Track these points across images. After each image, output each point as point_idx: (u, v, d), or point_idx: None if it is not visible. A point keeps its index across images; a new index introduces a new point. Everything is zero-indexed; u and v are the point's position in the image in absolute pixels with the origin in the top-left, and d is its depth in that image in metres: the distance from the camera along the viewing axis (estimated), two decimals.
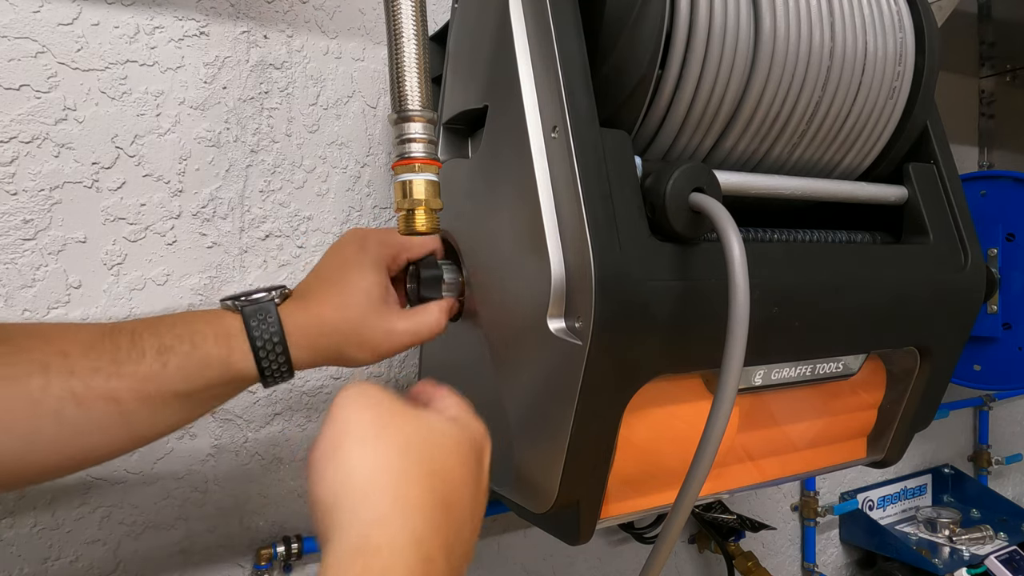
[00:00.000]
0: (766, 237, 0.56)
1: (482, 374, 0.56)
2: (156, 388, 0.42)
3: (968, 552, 1.21)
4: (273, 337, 0.46)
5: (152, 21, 0.65)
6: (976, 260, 0.62)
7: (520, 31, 0.49)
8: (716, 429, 0.41)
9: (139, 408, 0.42)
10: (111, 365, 0.41)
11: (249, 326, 0.46)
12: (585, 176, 0.44)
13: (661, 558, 0.45)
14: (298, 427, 0.75)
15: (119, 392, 0.41)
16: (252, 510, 0.74)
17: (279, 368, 0.46)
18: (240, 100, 0.70)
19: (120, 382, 0.41)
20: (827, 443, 0.66)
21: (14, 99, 0.60)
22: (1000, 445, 1.55)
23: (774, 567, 1.20)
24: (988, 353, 1.07)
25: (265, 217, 0.72)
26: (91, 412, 0.40)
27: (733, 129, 0.52)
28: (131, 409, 0.42)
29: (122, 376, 0.41)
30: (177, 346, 0.43)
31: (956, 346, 0.64)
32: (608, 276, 0.42)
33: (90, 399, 0.40)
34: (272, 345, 0.46)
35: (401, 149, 0.48)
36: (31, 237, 0.61)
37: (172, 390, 0.43)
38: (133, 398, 0.41)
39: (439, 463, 0.34)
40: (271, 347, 0.46)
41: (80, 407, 0.40)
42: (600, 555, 1.01)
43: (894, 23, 0.58)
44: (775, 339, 0.52)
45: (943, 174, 0.63)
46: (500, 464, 0.55)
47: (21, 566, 0.63)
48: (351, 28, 0.76)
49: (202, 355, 0.44)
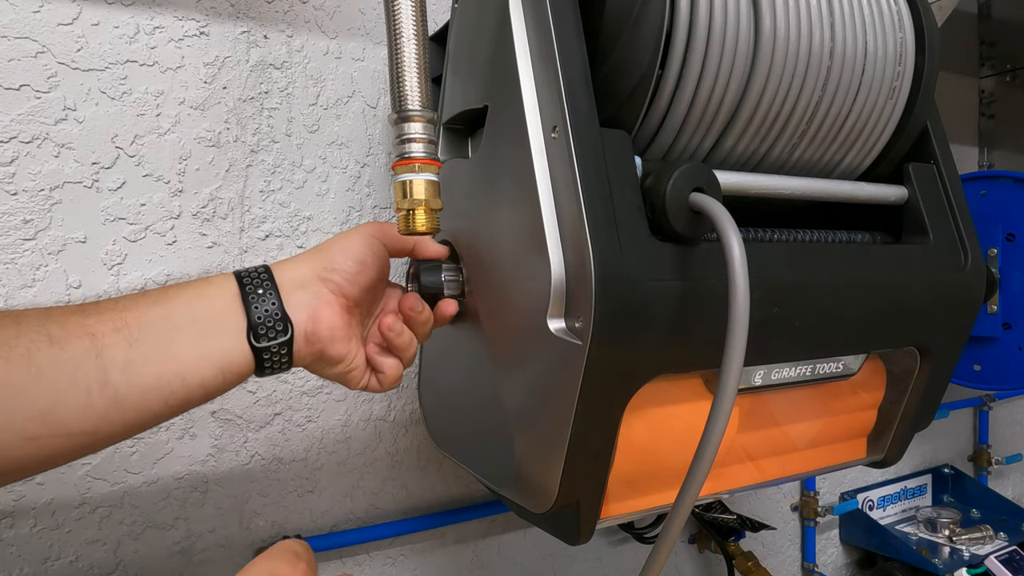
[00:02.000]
0: (766, 237, 0.56)
1: (482, 374, 0.56)
2: (135, 317, 0.41)
3: (968, 552, 1.21)
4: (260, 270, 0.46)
5: (152, 21, 0.65)
6: (976, 260, 0.62)
7: (520, 31, 0.49)
8: (716, 429, 0.41)
9: (115, 342, 0.39)
10: (91, 307, 0.40)
11: (238, 272, 0.46)
12: (585, 176, 0.44)
13: (661, 558, 0.45)
14: (298, 427, 0.75)
15: (95, 326, 0.39)
16: (252, 510, 0.74)
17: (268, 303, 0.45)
18: (240, 100, 0.70)
19: (97, 316, 0.40)
20: (827, 443, 0.66)
21: (14, 99, 0.60)
22: (1000, 445, 1.55)
23: (774, 567, 1.20)
24: (988, 353, 1.07)
25: (265, 217, 0.72)
26: (64, 352, 0.38)
27: (733, 129, 0.52)
28: (106, 344, 0.39)
29: (100, 312, 0.40)
30: (159, 290, 0.43)
31: (956, 346, 0.64)
32: (608, 276, 0.42)
33: (65, 339, 0.38)
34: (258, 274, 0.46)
35: (401, 149, 0.48)
36: (31, 237, 0.61)
37: (149, 321, 0.41)
38: (109, 330, 0.39)
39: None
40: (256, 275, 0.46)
41: (53, 347, 0.38)
42: (600, 555, 1.01)
43: (894, 23, 0.58)
44: (775, 339, 0.52)
45: (943, 174, 0.63)
46: (500, 464, 0.55)
47: (21, 566, 0.63)
48: (351, 28, 0.76)
49: (182, 287, 0.44)
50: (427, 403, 0.71)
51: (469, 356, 0.58)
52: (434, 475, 0.85)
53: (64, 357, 0.38)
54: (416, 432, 0.83)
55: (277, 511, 0.75)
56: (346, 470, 0.79)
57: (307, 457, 0.76)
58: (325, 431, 0.77)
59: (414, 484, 0.84)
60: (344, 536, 0.78)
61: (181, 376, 0.42)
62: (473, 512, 0.85)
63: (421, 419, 0.75)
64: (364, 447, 0.80)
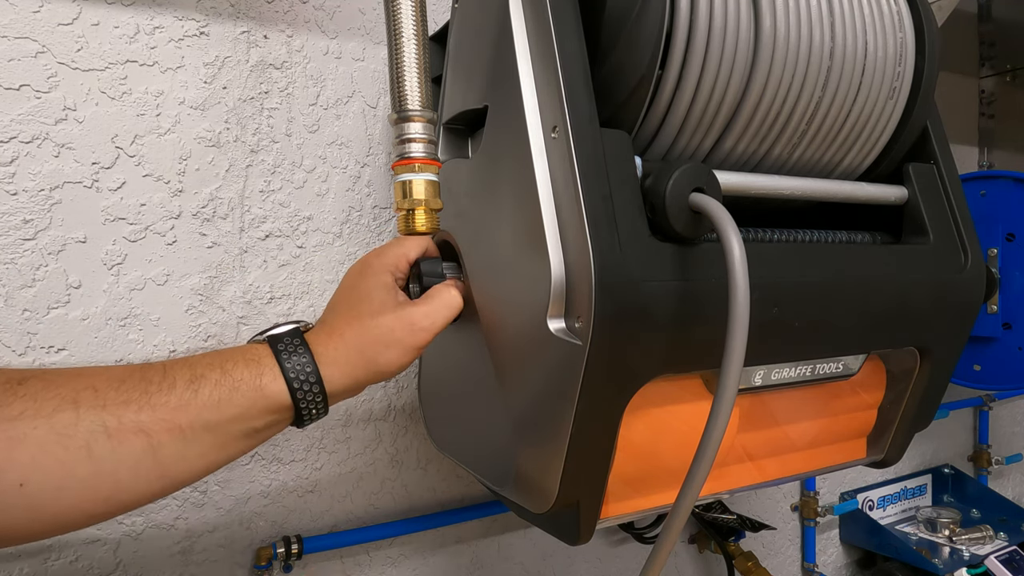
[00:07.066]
0: (766, 237, 0.56)
1: (482, 374, 0.56)
2: (187, 418, 0.41)
3: (968, 552, 1.21)
4: (302, 358, 0.45)
5: (152, 21, 0.65)
6: (976, 260, 0.62)
7: (520, 31, 0.49)
8: (716, 429, 0.41)
9: (169, 441, 0.41)
10: (142, 396, 0.41)
11: (276, 349, 0.45)
12: (585, 176, 0.44)
13: (661, 558, 0.45)
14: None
15: (149, 424, 0.40)
16: (252, 510, 0.74)
17: (312, 393, 0.45)
18: (240, 100, 0.70)
19: (151, 414, 0.40)
20: (827, 443, 0.66)
21: (14, 99, 0.60)
22: (1000, 445, 1.55)
23: (774, 567, 1.20)
24: (988, 353, 1.07)
25: (265, 217, 0.72)
26: (122, 447, 0.40)
27: (733, 129, 0.52)
28: (161, 442, 0.41)
29: (153, 407, 0.41)
30: (208, 374, 0.43)
31: (956, 346, 0.64)
32: (608, 276, 0.42)
33: (121, 432, 0.39)
34: (302, 365, 0.45)
35: (401, 149, 0.48)
36: (31, 237, 0.61)
37: (203, 420, 0.42)
38: (163, 429, 0.41)
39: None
40: (301, 366, 0.45)
41: (111, 440, 0.39)
42: (600, 555, 1.01)
43: (894, 23, 0.58)
44: (775, 339, 0.52)
45: (943, 174, 0.63)
46: (500, 464, 0.55)
47: (21, 566, 0.63)
48: (351, 28, 0.76)
49: (232, 379, 0.43)
50: (427, 403, 0.71)
51: (469, 356, 0.58)
52: (434, 475, 0.85)
53: (122, 452, 0.40)
54: (416, 432, 0.83)
55: (277, 511, 0.75)
56: (346, 470, 0.79)
57: (307, 457, 0.76)
58: (325, 431, 0.77)
59: (414, 484, 0.84)
60: (344, 536, 0.78)
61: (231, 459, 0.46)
62: (473, 512, 0.85)
63: (421, 419, 0.75)
64: (364, 447, 0.80)
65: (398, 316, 0.48)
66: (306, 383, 0.45)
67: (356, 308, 0.49)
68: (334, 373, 0.46)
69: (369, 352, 0.47)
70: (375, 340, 0.48)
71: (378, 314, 0.48)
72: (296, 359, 0.45)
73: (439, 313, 0.50)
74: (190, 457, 0.42)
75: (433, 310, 0.50)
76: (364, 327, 0.48)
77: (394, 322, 0.48)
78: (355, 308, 0.49)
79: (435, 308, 0.50)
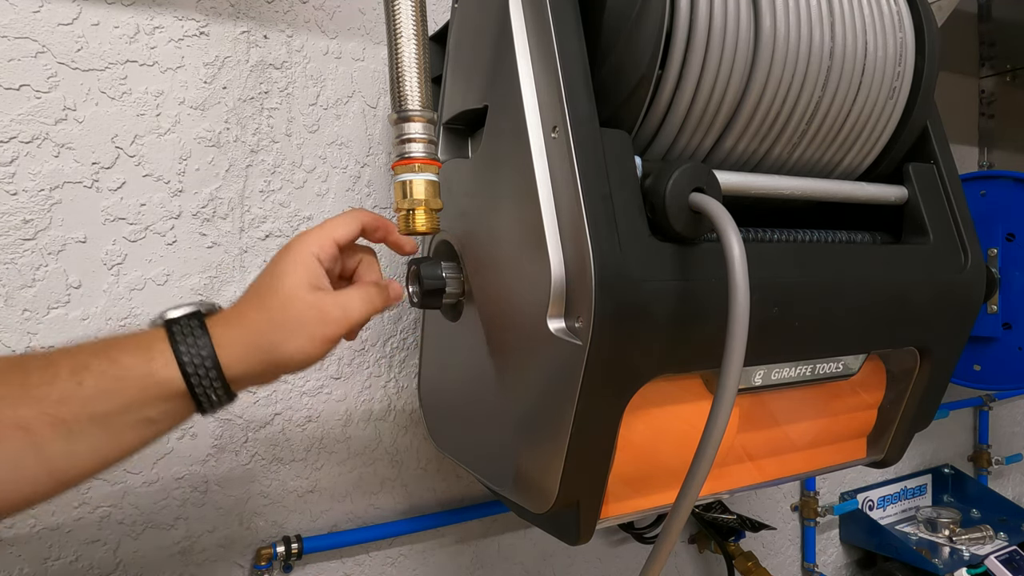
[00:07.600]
0: (766, 237, 0.56)
1: (482, 374, 0.56)
2: (71, 411, 0.38)
3: (968, 552, 1.21)
4: (198, 340, 0.41)
5: (152, 21, 0.65)
6: (976, 260, 0.62)
7: (520, 31, 0.49)
8: (716, 429, 0.41)
9: (53, 436, 0.38)
10: (19, 390, 0.38)
11: (171, 332, 0.42)
12: (585, 176, 0.44)
13: (661, 558, 0.45)
14: (298, 427, 0.75)
15: (28, 419, 0.37)
16: (252, 510, 0.74)
17: (209, 379, 0.42)
18: (240, 100, 0.70)
19: (29, 408, 0.37)
20: (827, 443, 0.66)
21: (14, 99, 0.60)
22: (1000, 445, 1.55)
23: (774, 567, 1.20)
24: (988, 353, 1.07)
25: (265, 217, 0.72)
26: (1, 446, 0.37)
27: (733, 129, 0.52)
28: (44, 438, 0.38)
29: (32, 401, 0.38)
30: (93, 363, 0.39)
31: (956, 346, 0.64)
32: (608, 276, 0.42)
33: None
34: (197, 349, 0.41)
35: (401, 149, 0.48)
36: (31, 237, 0.61)
37: (89, 412, 0.39)
38: (45, 424, 0.38)
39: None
40: (196, 350, 0.41)
41: None
42: (600, 555, 1.01)
43: (894, 23, 0.58)
44: (775, 339, 0.52)
45: (943, 174, 0.63)
46: (500, 464, 0.55)
47: (21, 566, 0.63)
48: (351, 28, 0.76)
49: (120, 367, 0.40)
50: (427, 403, 0.71)
51: (469, 356, 0.58)
52: (434, 475, 0.85)
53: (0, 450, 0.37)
54: (416, 432, 0.83)
55: (277, 511, 0.75)
56: (346, 470, 0.79)
57: (307, 457, 0.76)
58: (325, 431, 0.77)
59: (414, 484, 0.84)
60: (344, 536, 0.78)
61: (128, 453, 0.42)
62: (473, 512, 0.85)
63: (421, 419, 0.75)
64: (364, 447, 0.80)
65: (308, 303, 0.44)
66: (201, 367, 0.41)
67: (266, 290, 0.45)
68: (232, 357, 0.42)
69: (271, 336, 0.44)
70: (279, 325, 0.44)
71: (287, 298, 0.44)
72: (191, 342, 0.41)
73: (353, 305, 0.46)
74: (80, 452, 0.39)
75: (348, 300, 0.46)
76: (268, 310, 0.44)
77: (303, 309, 0.44)
78: (264, 290, 0.45)
79: (350, 299, 0.46)
